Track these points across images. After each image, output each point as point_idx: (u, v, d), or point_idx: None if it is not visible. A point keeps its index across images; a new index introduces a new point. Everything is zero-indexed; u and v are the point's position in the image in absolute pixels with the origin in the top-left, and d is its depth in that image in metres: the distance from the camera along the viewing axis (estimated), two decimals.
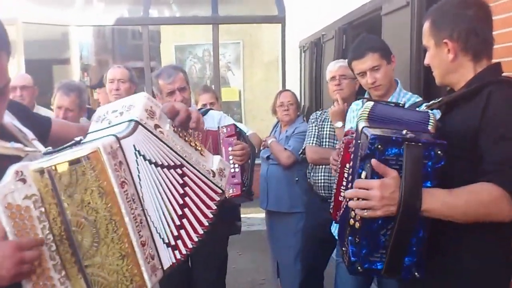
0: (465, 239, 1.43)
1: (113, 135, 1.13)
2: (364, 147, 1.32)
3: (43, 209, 1.08)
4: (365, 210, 1.33)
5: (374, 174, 1.32)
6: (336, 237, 2.54)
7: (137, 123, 1.20)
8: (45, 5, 7.30)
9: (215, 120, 2.76)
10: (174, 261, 1.25)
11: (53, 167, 1.08)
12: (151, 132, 1.25)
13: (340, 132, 2.88)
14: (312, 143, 3.17)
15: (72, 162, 1.08)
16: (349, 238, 1.40)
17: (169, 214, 1.27)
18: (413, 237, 1.35)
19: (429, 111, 1.51)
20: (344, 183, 2.08)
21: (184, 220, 1.30)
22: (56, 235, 1.10)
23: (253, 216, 4.55)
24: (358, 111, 2.53)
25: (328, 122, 3.15)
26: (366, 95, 2.54)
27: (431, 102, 1.61)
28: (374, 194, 1.30)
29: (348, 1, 4.47)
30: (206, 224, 1.35)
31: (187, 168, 1.33)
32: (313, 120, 3.25)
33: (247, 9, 8.73)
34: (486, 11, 1.54)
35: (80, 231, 1.09)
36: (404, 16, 3.16)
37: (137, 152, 1.18)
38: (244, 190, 2.53)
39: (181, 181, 1.31)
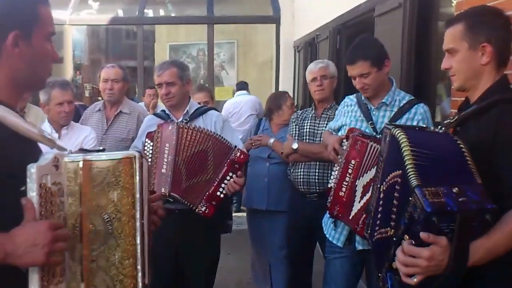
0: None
1: (137, 151, 1.28)
2: (417, 215, 1.32)
3: (62, 199, 1.16)
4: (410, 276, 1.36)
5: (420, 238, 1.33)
6: (324, 230, 2.57)
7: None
8: None
9: (212, 122, 2.72)
10: None
11: (87, 163, 1.18)
12: None
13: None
14: None
15: (106, 162, 1.19)
16: (388, 273, 1.46)
17: None
18: None
19: (460, 142, 1.48)
20: (347, 179, 2.14)
21: None
22: (69, 227, 1.17)
23: (243, 215, 4.54)
24: (352, 106, 2.55)
25: (308, 120, 3.22)
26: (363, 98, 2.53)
27: (446, 121, 1.63)
28: (421, 263, 1.32)
29: (342, 2, 4.50)
30: None
31: None
32: (293, 120, 3.32)
33: (242, 9, 8.73)
34: (510, 22, 1.58)
35: (95, 224, 1.18)
36: (396, 18, 3.19)
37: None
38: (212, 216, 2.53)
39: None
